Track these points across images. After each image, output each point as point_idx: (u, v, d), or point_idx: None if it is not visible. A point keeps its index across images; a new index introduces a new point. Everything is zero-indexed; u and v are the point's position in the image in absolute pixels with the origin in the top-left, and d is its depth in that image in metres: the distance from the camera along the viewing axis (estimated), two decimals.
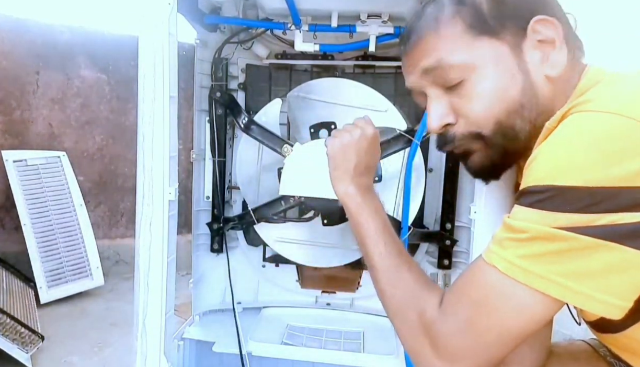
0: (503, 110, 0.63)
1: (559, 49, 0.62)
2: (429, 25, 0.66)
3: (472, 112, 0.65)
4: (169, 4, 0.98)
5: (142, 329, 1.04)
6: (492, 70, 0.63)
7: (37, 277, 2.27)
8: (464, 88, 0.64)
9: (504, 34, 0.63)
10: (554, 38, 0.62)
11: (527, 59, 0.63)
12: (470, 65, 0.63)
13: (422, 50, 0.67)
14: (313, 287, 1.58)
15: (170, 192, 1.03)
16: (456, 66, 0.64)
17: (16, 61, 2.57)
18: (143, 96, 1.00)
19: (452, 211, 1.35)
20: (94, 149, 2.83)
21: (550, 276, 0.51)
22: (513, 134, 0.64)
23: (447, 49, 0.65)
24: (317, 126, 1.30)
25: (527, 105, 0.63)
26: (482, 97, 0.64)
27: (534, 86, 0.63)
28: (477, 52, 0.63)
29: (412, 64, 0.69)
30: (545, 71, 0.63)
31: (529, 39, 0.63)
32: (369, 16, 1.21)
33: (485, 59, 0.63)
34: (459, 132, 0.67)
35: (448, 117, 0.67)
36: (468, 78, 0.64)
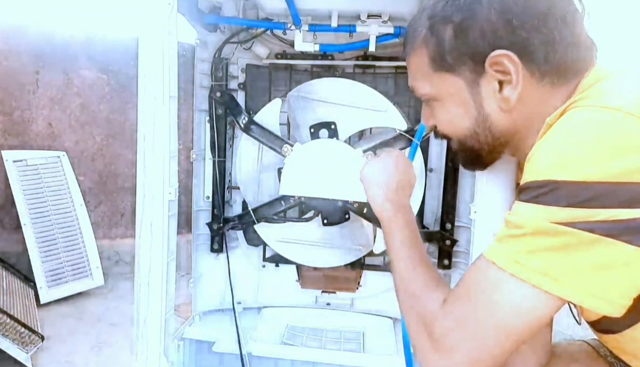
0: (460, 135, 0.72)
1: (514, 85, 0.64)
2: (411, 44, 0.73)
3: (439, 126, 0.76)
4: (169, 4, 0.98)
5: (142, 329, 1.04)
6: (449, 102, 0.70)
7: (37, 277, 2.27)
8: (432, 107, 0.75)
9: (461, 70, 0.67)
10: (512, 74, 0.63)
11: (482, 93, 0.67)
12: (433, 94, 0.72)
13: (408, 66, 0.76)
14: (313, 287, 1.58)
15: (170, 192, 1.03)
16: (421, 93, 0.74)
17: (16, 61, 2.57)
18: (143, 96, 1.00)
19: (452, 211, 1.35)
20: (94, 149, 2.83)
21: (548, 271, 0.51)
22: (474, 152, 0.74)
23: (416, 76, 0.74)
24: (317, 126, 1.30)
25: (481, 133, 0.70)
26: (443, 120, 0.74)
27: (488, 117, 0.68)
28: (437, 84, 0.70)
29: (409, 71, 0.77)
30: (498, 103, 0.66)
31: (488, 72, 0.65)
32: (369, 16, 1.21)
33: (445, 92, 0.70)
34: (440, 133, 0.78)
35: (430, 120, 0.78)
36: (432, 103, 0.74)
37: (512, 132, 0.69)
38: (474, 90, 0.67)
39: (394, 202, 0.86)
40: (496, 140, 0.70)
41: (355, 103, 1.29)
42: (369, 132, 1.38)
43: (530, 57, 0.62)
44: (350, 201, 1.23)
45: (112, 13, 3.01)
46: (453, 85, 0.68)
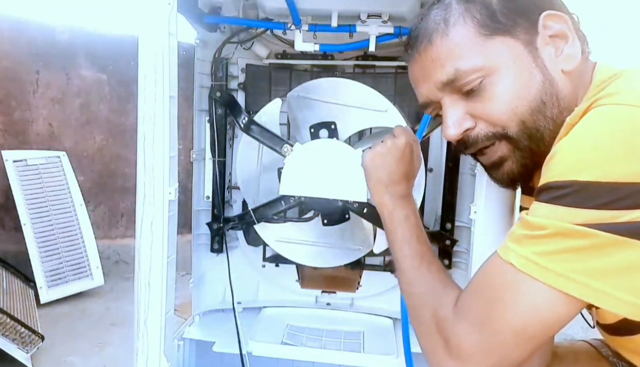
0: (526, 109, 0.61)
1: (571, 42, 0.62)
2: (437, 29, 0.63)
3: (493, 113, 0.63)
4: (169, 4, 0.98)
5: (142, 329, 1.04)
6: (510, 69, 0.61)
7: (37, 277, 2.27)
8: (483, 91, 0.62)
9: (516, 31, 0.61)
10: (566, 32, 0.61)
11: (542, 55, 0.62)
12: (487, 67, 0.61)
13: (435, 60, 0.64)
14: (313, 287, 1.58)
15: (170, 192, 1.03)
16: (473, 71, 0.62)
17: (16, 61, 2.57)
18: (143, 96, 1.00)
19: (452, 211, 1.35)
20: (94, 149, 2.83)
21: (569, 273, 0.49)
22: (539, 135, 0.62)
23: (461, 54, 0.62)
24: (317, 126, 1.30)
25: (548, 103, 0.61)
26: (503, 96, 0.62)
27: (553, 82, 0.61)
28: (492, 53, 0.61)
29: (424, 76, 0.66)
30: (561, 66, 0.62)
31: (541, 35, 0.61)
32: (369, 16, 1.21)
33: (502, 58, 0.61)
34: (482, 133, 0.65)
35: (466, 121, 0.65)
36: (486, 80, 0.62)
37: (571, 102, 0.62)
38: (533, 53, 0.61)
39: (394, 195, 0.81)
40: (560, 115, 0.61)
41: (355, 103, 1.29)
42: (369, 132, 1.38)
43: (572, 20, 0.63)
44: (350, 201, 1.23)
45: (112, 13, 3.01)
46: (512, 48, 0.61)
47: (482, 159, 0.69)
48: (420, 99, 0.69)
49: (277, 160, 1.30)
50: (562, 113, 0.61)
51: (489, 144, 0.65)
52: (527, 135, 0.62)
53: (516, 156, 0.65)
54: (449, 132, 0.66)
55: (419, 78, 0.68)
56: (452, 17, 0.63)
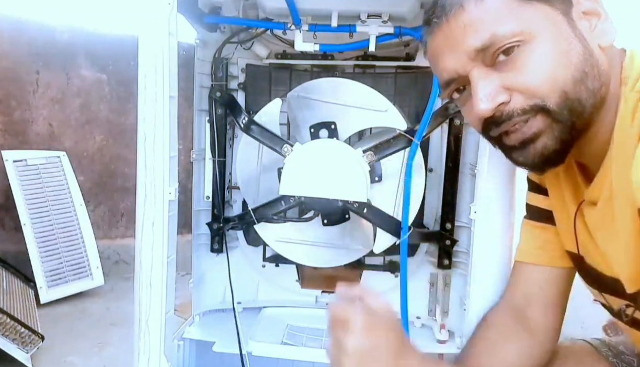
0: (569, 78, 0.57)
1: (604, 18, 0.60)
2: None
3: (532, 83, 0.57)
4: (169, 4, 0.98)
5: (143, 329, 1.04)
6: (549, 36, 0.57)
7: (37, 277, 2.27)
8: (519, 59, 0.57)
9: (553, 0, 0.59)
10: (598, 9, 0.60)
11: (579, 27, 0.59)
12: (526, 32, 0.57)
13: (467, 25, 0.58)
14: (313, 287, 1.58)
15: (170, 192, 1.03)
16: (510, 36, 0.57)
17: (16, 61, 2.57)
18: (143, 96, 1.00)
19: (452, 211, 1.34)
20: (94, 149, 2.83)
21: None
22: (580, 108, 0.58)
23: (497, 19, 0.57)
24: (317, 126, 1.30)
25: (590, 74, 0.58)
26: (543, 64, 0.57)
27: (593, 54, 0.59)
28: (530, 18, 0.57)
29: (453, 45, 0.60)
30: (597, 40, 0.60)
31: (576, 8, 0.60)
32: (369, 16, 1.21)
33: (540, 25, 0.57)
34: (517, 107, 0.59)
35: (501, 94, 0.59)
36: (523, 46, 0.57)
37: (609, 78, 0.60)
38: (571, 23, 0.59)
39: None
40: (601, 89, 0.59)
41: (355, 103, 1.29)
42: (369, 132, 1.38)
43: None
44: (350, 201, 1.23)
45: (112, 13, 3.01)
46: (550, 15, 0.58)
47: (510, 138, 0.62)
48: (444, 74, 0.63)
49: (277, 160, 1.30)
50: (602, 88, 0.58)
51: (525, 119, 0.60)
52: (568, 108, 0.57)
53: (554, 131, 0.59)
54: (481, 106, 0.59)
55: (444, 49, 0.62)
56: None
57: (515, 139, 0.62)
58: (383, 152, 1.24)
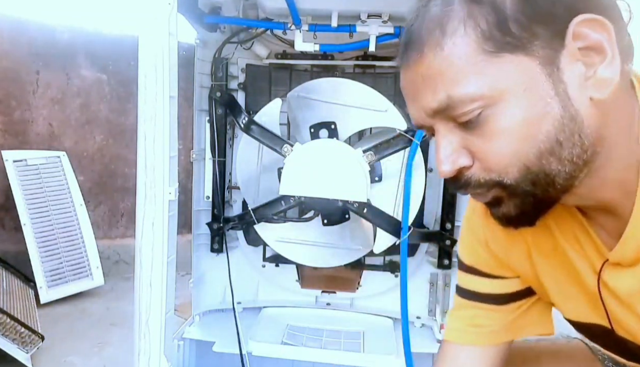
0: (534, 152, 0.47)
1: (609, 60, 0.46)
2: (431, 37, 0.49)
3: (491, 156, 0.49)
4: (169, 4, 0.98)
5: (143, 329, 1.04)
6: (519, 99, 0.47)
7: (37, 277, 2.26)
8: (481, 124, 0.48)
9: (533, 46, 0.46)
10: (604, 45, 0.45)
11: (565, 79, 0.46)
12: (489, 96, 0.47)
13: (426, 79, 0.50)
14: (313, 287, 1.58)
15: (170, 192, 1.03)
16: (471, 99, 0.47)
17: (16, 61, 2.57)
18: (143, 96, 1.00)
19: (452, 211, 1.35)
20: (94, 149, 2.83)
21: None
22: (547, 180, 0.49)
23: (456, 77, 0.48)
24: (317, 126, 1.30)
25: (566, 143, 0.47)
26: (506, 135, 0.47)
27: (576, 116, 0.47)
28: (497, 76, 0.47)
29: (414, 95, 0.53)
30: (589, 93, 0.47)
31: (569, 48, 0.46)
32: (369, 16, 1.21)
33: (509, 84, 0.47)
34: (475, 178, 0.51)
35: (462, 158, 0.51)
36: (487, 112, 0.47)
37: (602, 142, 0.48)
38: (553, 76, 0.46)
39: None
40: (583, 155, 0.48)
41: (355, 103, 1.29)
42: (369, 132, 1.38)
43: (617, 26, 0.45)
44: (350, 201, 1.23)
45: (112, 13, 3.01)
46: (524, 70, 0.46)
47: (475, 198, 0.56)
48: (411, 119, 0.56)
49: (277, 160, 1.30)
50: (587, 152, 0.48)
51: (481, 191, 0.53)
52: (530, 181, 0.49)
53: (512, 202, 0.52)
54: (441, 167, 0.52)
55: (408, 95, 0.54)
56: (450, 23, 0.47)
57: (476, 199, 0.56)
58: (383, 152, 1.24)
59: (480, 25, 0.46)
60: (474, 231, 0.72)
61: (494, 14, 0.46)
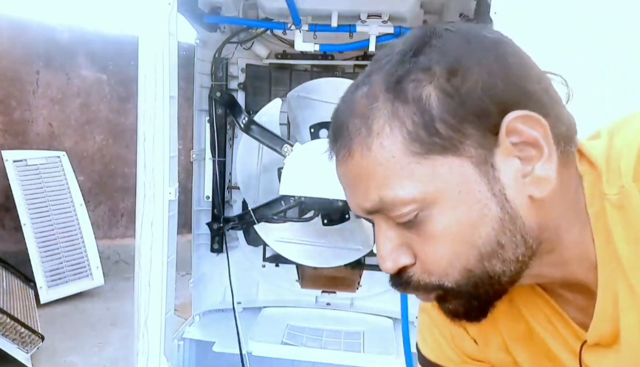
0: (474, 255, 0.45)
1: (546, 158, 0.43)
2: (358, 136, 0.45)
3: (430, 258, 0.46)
4: (169, 4, 0.98)
5: (142, 329, 1.04)
6: (454, 201, 0.44)
7: (37, 277, 2.27)
8: (419, 225, 0.45)
9: (464, 146, 0.43)
10: (540, 142, 0.43)
11: (501, 178, 0.44)
12: (421, 198, 0.44)
13: (356, 178, 0.47)
14: (313, 287, 1.58)
15: (170, 192, 1.03)
16: (403, 202, 0.44)
17: (16, 61, 2.57)
18: (143, 96, 1.00)
19: None
20: (94, 149, 2.83)
21: None
22: (491, 281, 0.46)
23: (386, 180, 0.44)
24: (317, 126, 1.30)
25: (509, 244, 0.45)
26: (444, 238, 0.45)
27: (516, 216, 0.44)
28: (429, 178, 0.44)
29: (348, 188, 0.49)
30: (528, 191, 0.44)
31: (503, 145, 0.43)
32: (369, 16, 1.21)
33: (443, 186, 0.44)
34: (414, 279, 0.48)
35: (403, 257, 0.48)
36: (423, 213, 0.45)
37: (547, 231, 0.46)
38: (488, 175, 0.44)
39: None
40: (528, 252, 0.46)
41: None
42: None
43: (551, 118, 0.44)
44: None
45: (112, 13, 3.01)
46: (457, 172, 0.43)
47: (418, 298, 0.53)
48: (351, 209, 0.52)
49: (277, 160, 1.30)
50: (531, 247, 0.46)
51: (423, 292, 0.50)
52: (473, 285, 0.47)
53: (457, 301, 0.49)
54: (383, 265, 0.49)
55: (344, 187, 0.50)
56: (375, 122, 0.44)
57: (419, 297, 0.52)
58: None
59: (406, 125, 0.43)
60: (436, 324, 0.66)
61: (420, 114, 0.43)
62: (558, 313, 0.54)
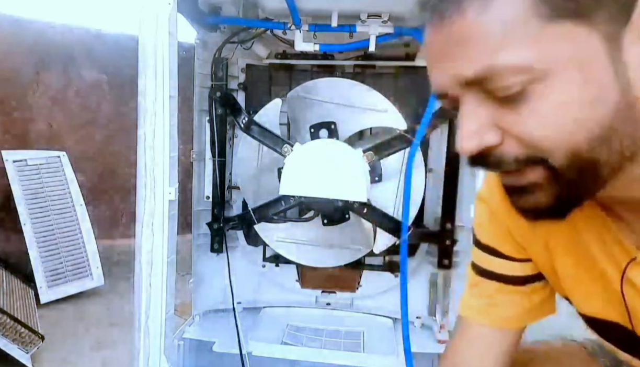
0: (585, 137, 0.41)
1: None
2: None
3: (534, 135, 0.42)
4: (169, 4, 0.98)
5: (142, 329, 1.04)
6: (572, 76, 0.40)
7: (37, 277, 2.26)
8: (523, 101, 0.41)
9: (597, 16, 0.39)
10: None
11: (626, 60, 0.40)
12: (538, 69, 0.40)
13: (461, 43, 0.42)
14: (313, 287, 1.58)
15: (170, 192, 1.03)
16: (516, 71, 0.40)
17: (16, 61, 2.57)
18: (143, 96, 1.00)
19: (452, 211, 1.34)
20: (94, 149, 2.83)
21: None
22: (594, 171, 0.43)
23: (502, 44, 0.40)
24: (317, 126, 1.30)
25: (620, 132, 0.41)
26: (555, 115, 0.41)
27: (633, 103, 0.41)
28: (550, 46, 0.39)
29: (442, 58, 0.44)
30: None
31: (635, 25, 0.40)
32: (369, 16, 1.21)
33: (565, 57, 0.40)
34: (510, 154, 0.44)
35: (490, 134, 0.44)
36: (532, 87, 0.40)
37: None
38: (614, 54, 0.40)
39: None
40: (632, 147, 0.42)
41: (355, 103, 1.29)
42: (369, 132, 1.38)
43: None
44: (350, 201, 1.23)
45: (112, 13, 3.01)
46: (583, 42, 0.39)
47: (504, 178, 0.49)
48: (433, 86, 0.48)
49: (277, 160, 1.30)
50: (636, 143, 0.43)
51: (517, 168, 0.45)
52: (578, 169, 0.43)
53: (553, 188, 0.45)
54: (463, 144, 0.44)
55: (434, 58, 0.46)
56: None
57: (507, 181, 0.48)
58: (383, 152, 1.24)
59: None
60: (495, 215, 0.68)
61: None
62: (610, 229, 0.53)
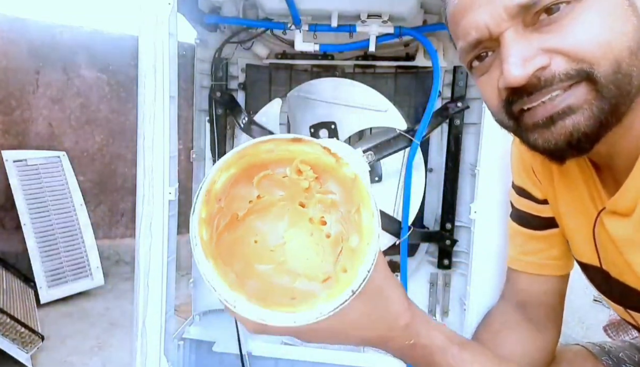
0: (625, 47, 0.47)
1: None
2: None
3: (581, 44, 0.47)
4: (169, 4, 0.98)
5: (142, 329, 1.04)
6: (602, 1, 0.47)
7: (37, 277, 2.27)
8: (566, 18, 0.47)
9: None
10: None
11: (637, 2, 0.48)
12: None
13: None
14: None
15: (170, 192, 1.03)
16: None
17: (16, 61, 2.57)
18: (143, 96, 1.00)
19: (452, 211, 1.34)
20: (94, 149, 2.83)
21: None
22: (628, 88, 0.48)
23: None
24: (317, 126, 1.30)
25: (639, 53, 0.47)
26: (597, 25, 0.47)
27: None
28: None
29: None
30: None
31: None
32: (369, 16, 1.21)
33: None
34: (560, 70, 0.48)
35: (539, 58, 0.48)
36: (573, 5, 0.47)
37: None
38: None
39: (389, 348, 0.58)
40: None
41: (355, 103, 1.29)
42: (369, 132, 1.38)
43: None
44: None
45: (112, 13, 3.01)
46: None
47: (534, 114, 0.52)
48: (472, 32, 0.51)
49: None
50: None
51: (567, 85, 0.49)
52: (617, 83, 0.47)
53: (593, 108, 0.48)
54: (514, 71, 0.48)
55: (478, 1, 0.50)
56: None
57: (541, 115, 0.51)
58: (383, 152, 1.24)
59: None
60: (521, 156, 0.77)
61: None
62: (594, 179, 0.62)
